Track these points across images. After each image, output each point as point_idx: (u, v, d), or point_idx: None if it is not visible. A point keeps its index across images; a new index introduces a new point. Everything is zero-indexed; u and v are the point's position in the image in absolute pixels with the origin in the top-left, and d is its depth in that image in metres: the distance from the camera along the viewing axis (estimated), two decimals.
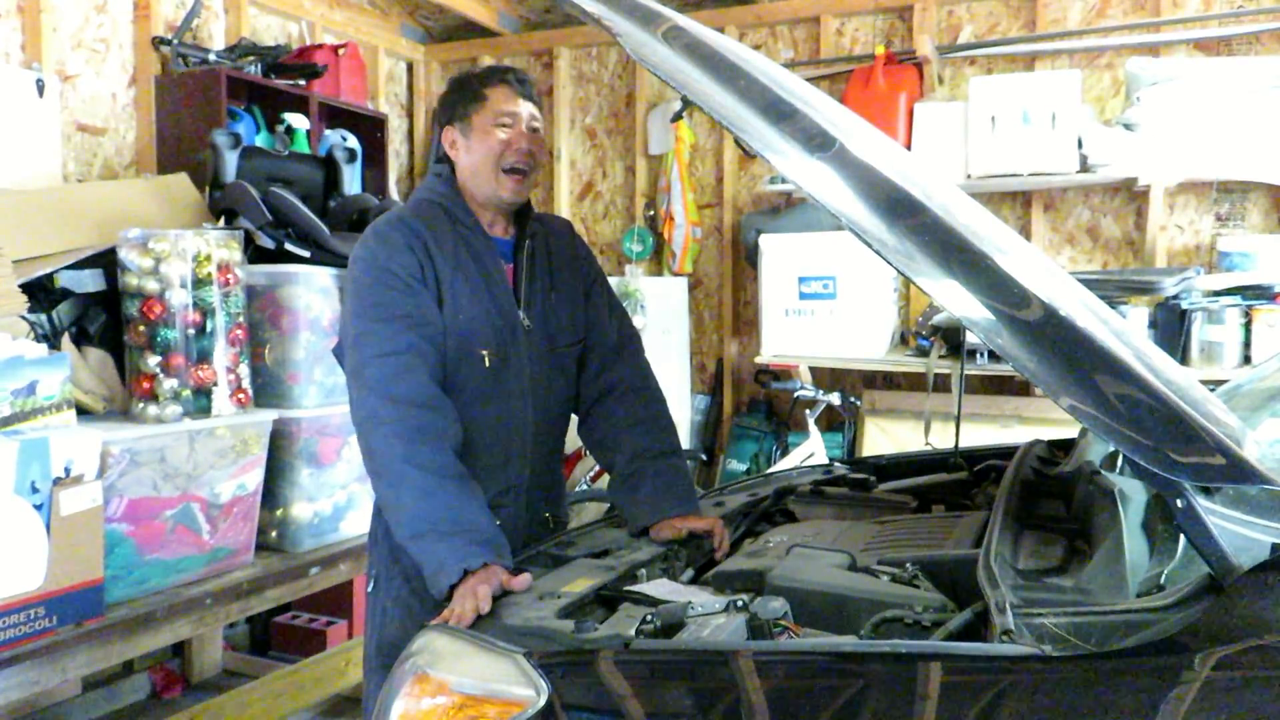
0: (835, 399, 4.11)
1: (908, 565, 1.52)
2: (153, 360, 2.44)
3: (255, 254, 2.88)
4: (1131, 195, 4.09)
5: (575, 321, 2.04)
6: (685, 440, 4.71)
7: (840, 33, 4.56)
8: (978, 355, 3.73)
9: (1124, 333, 1.56)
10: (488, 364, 1.89)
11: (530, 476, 1.99)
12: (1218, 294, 3.51)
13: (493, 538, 1.66)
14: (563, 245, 2.07)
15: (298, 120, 3.92)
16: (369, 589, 1.98)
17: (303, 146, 3.87)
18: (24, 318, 2.41)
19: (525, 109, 1.93)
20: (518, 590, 1.56)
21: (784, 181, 4.30)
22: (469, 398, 1.88)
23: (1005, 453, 2.15)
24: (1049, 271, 1.76)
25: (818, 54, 4.57)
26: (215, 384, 2.52)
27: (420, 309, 1.82)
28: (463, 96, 1.93)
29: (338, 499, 2.82)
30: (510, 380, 1.92)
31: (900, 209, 1.26)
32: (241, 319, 2.61)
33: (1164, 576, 1.32)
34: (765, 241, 4.18)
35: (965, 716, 1.13)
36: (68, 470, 2.11)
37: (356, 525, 2.85)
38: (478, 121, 1.90)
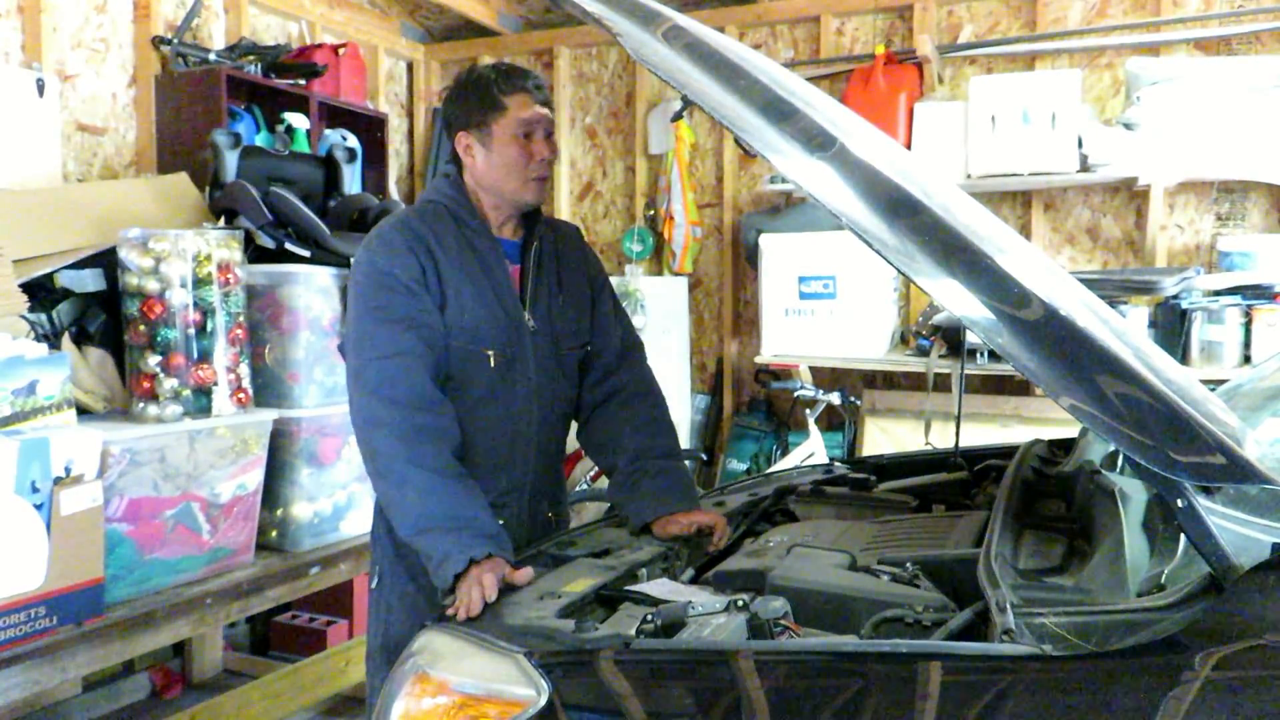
0: (835, 399, 4.10)
1: (908, 565, 1.52)
2: (153, 360, 2.44)
3: (255, 254, 2.87)
4: (1131, 195, 4.09)
5: (580, 325, 2.05)
6: (685, 440, 4.71)
7: (840, 32, 4.56)
8: (978, 355, 3.73)
9: (1124, 332, 1.56)
10: (493, 364, 1.90)
11: (534, 477, 2.00)
12: (1218, 294, 3.51)
13: (496, 533, 1.69)
14: (571, 249, 2.08)
15: (298, 120, 3.92)
16: (372, 585, 1.98)
17: (303, 146, 3.86)
18: (24, 317, 2.41)
19: (544, 115, 1.91)
20: (520, 584, 1.58)
21: (784, 181, 4.31)
22: (475, 397, 1.90)
23: (1005, 453, 2.15)
24: (1049, 271, 1.76)
25: (818, 54, 4.57)
26: (215, 384, 2.52)
27: (420, 312, 1.83)
28: (481, 104, 1.89)
29: (338, 499, 2.82)
30: (516, 380, 1.93)
31: (900, 208, 1.26)
32: (241, 319, 2.60)
33: (1164, 576, 1.32)
34: (765, 241, 4.18)
35: (965, 716, 1.13)
36: (68, 470, 2.11)
37: (356, 525, 2.85)
38: (499, 130, 1.88)
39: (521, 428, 1.96)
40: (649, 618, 1.37)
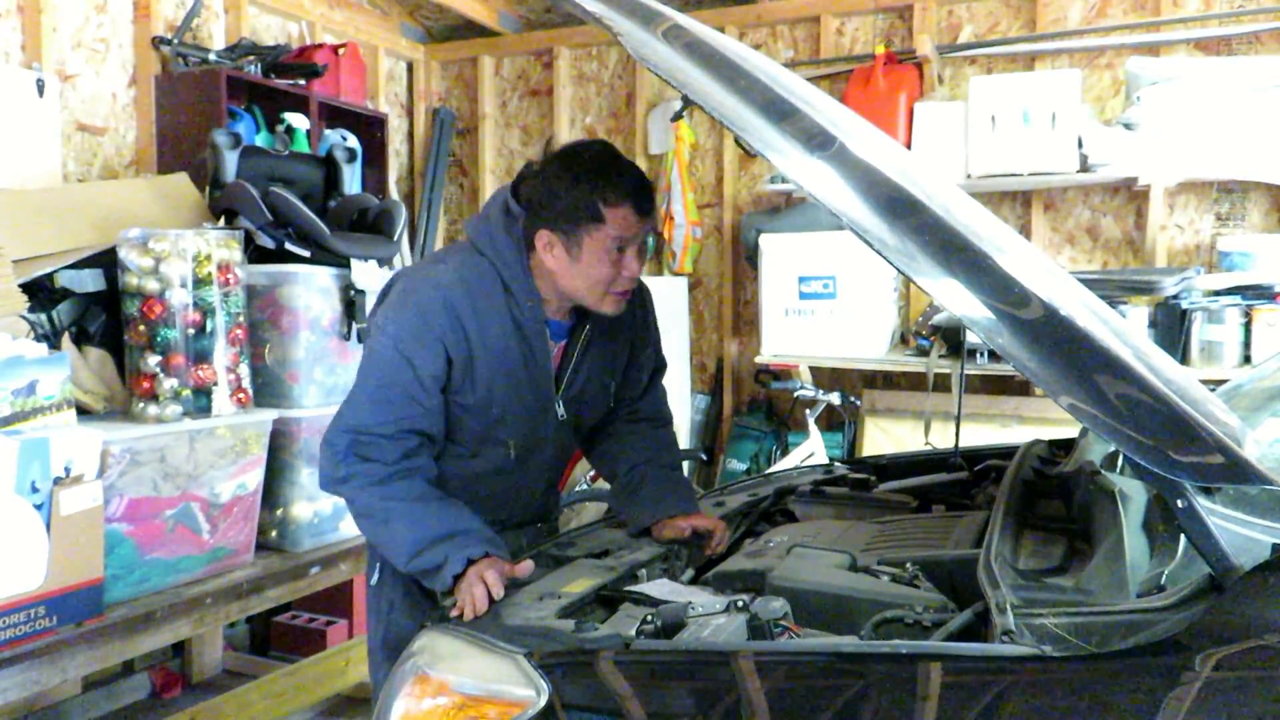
0: (835, 399, 4.10)
1: (908, 565, 1.52)
2: (153, 360, 2.44)
3: (255, 254, 2.87)
4: (1131, 195, 4.09)
5: (608, 394, 1.99)
6: (685, 440, 4.71)
7: (840, 32, 4.56)
8: (978, 355, 3.73)
9: (1124, 332, 1.56)
10: (512, 454, 1.87)
11: (531, 513, 2.03)
12: (1218, 294, 3.50)
13: (489, 536, 1.69)
14: (628, 320, 1.91)
15: (298, 120, 3.92)
16: (371, 582, 1.97)
17: (303, 146, 3.86)
18: (24, 317, 2.41)
19: (645, 228, 1.72)
20: (521, 576, 1.58)
21: (784, 181, 4.30)
22: (486, 470, 1.89)
23: (1005, 453, 2.15)
24: (1049, 271, 1.76)
25: (818, 54, 4.57)
26: (215, 384, 2.52)
27: (421, 406, 1.74)
28: (575, 209, 1.68)
29: (338, 499, 2.82)
30: (531, 461, 1.92)
31: (901, 208, 1.26)
32: (241, 319, 2.60)
33: (1164, 576, 1.31)
34: (765, 241, 4.18)
35: (965, 717, 1.13)
36: (68, 470, 2.11)
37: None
38: (590, 243, 1.69)
39: (528, 493, 1.98)
40: (649, 618, 1.37)
